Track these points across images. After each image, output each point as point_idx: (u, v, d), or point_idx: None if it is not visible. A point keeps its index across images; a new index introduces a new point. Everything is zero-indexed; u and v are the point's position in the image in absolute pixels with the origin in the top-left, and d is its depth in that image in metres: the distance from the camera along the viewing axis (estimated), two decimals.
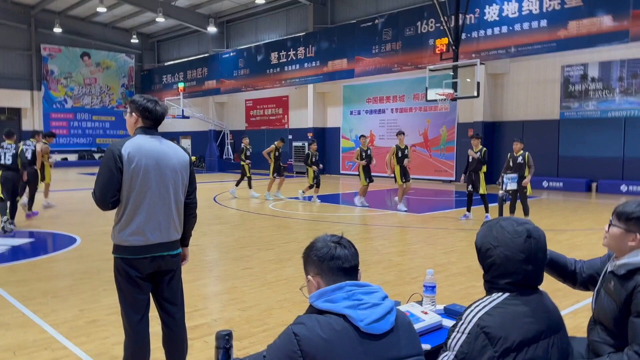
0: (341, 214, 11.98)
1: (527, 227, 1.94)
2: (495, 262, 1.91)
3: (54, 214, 11.82)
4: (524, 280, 1.90)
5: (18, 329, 4.45)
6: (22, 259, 7.19)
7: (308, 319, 1.64)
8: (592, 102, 16.57)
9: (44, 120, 32.56)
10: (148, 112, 3.11)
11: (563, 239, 8.61)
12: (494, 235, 1.94)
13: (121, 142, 3.03)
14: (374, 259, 7.07)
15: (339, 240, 1.82)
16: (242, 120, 29.95)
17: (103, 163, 3.01)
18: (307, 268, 1.82)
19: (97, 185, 3.01)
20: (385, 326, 1.66)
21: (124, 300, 3.18)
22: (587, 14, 14.47)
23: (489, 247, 1.94)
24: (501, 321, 1.80)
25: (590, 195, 15.60)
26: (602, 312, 2.30)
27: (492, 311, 1.84)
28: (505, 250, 1.89)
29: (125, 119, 3.31)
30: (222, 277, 6.36)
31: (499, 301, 1.87)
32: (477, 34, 17.07)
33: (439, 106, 19.55)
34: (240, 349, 3.97)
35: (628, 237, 2.26)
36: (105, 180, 2.98)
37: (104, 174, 2.99)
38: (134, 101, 3.16)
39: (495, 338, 1.78)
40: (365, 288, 1.72)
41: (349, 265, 1.77)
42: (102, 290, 5.64)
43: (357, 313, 1.64)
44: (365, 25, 20.89)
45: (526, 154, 9.96)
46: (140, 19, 31.81)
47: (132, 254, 3.10)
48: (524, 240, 1.89)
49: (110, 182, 2.98)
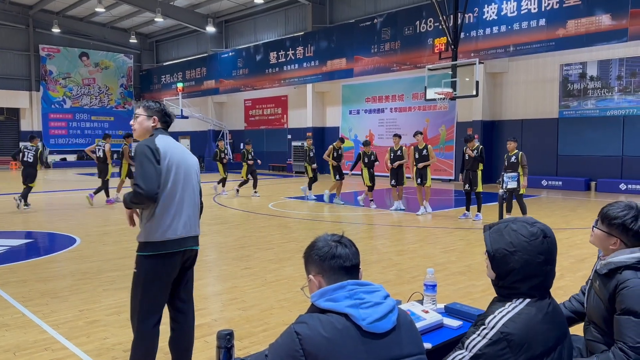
0: (341, 214, 11.98)
1: (540, 227, 1.92)
2: (515, 268, 1.87)
3: (55, 214, 11.81)
4: (544, 282, 1.90)
5: (18, 330, 4.45)
6: (22, 260, 7.18)
7: (310, 318, 1.64)
8: (591, 101, 16.58)
9: (42, 120, 32.53)
10: (168, 117, 3.40)
11: (562, 238, 8.62)
12: (507, 240, 1.90)
13: (150, 139, 3.17)
14: (374, 258, 7.07)
15: (339, 239, 1.82)
16: (241, 120, 29.94)
17: (141, 158, 3.08)
18: (308, 267, 1.82)
19: (140, 179, 3.04)
20: (387, 325, 1.66)
21: (147, 301, 3.13)
22: (586, 12, 14.48)
23: (505, 253, 1.89)
24: (525, 329, 1.80)
25: (590, 194, 15.62)
26: (593, 311, 2.34)
27: (516, 318, 1.83)
28: (524, 255, 1.86)
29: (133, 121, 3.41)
30: (222, 277, 6.35)
31: (521, 307, 1.86)
32: (476, 33, 17.07)
33: (438, 105, 19.56)
34: (240, 348, 3.97)
35: (610, 240, 2.31)
36: (150, 171, 3.06)
37: (146, 166, 3.06)
38: (150, 107, 3.33)
39: (517, 346, 1.78)
40: (367, 287, 1.72)
41: (350, 264, 1.77)
42: (102, 291, 5.63)
43: (359, 312, 1.63)
44: (364, 25, 20.89)
45: (520, 154, 10.00)
46: (138, 19, 31.78)
47: (166, 249, 3.13)
48: (541, 241, 1.87)
49: (154, 173, 3.07)
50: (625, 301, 2.11)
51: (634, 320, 2.07)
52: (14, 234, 9.16)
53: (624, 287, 2.14)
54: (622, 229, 2.26)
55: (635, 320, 2.07)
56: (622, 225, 2.25)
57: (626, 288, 2.13)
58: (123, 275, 6.29)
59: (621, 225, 2.26)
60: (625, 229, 2.25)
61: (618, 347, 2.08)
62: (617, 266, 2.21)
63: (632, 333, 2.06)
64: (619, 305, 2.14)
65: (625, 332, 2.07)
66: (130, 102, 36.12)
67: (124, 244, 8.25)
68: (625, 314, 2.10)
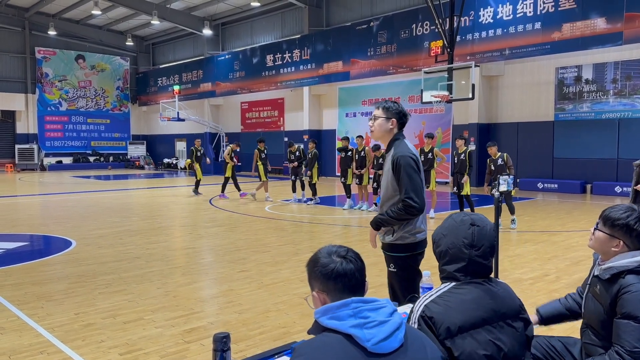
0: (337, 216, 11.98)
1: (472, 217, 2.08)
2: (443, 250, 2.06)
3: (50, 216, 11.76)
4: (469, 266, 2.00)
5: (13, 333, 4.43)
6: (17, 263, 7.16)
7: (309, 348, 1.57)
8: (587, 104, 16.64)
9: (38, 123, 32.44)
10: (405, 117, 3.43)
11: (559, 240, 8.64)
12: (445, 226, 2.11)
13: (406, 148, 3.30)
14: (371, 260, 7.06)
15: (345, 254, 1.73)
16: (237, 122, 29.92)
17: (409, 170, 3.21)
18: (311, 283, 1.75)
19: (414, 193, 3.17)
20: (393, 344, 1.58)
21: (406, 289, 3.39)
22: (581, 16, 14.55)
23: (440, 237, 2.09)
24: (445, 308, 1.90)
25: (585, 197, 15.67)
26: (591, 315, 2.34)
27: (437, 299, 1.94)
28: (452, 237, 2.04)
29: (372, 123, 3.44)
30: (218, 279, 6.34)
31: (444, 290, 1.98)
32: (472, 37, 17.13)
33: (434, 108, 19.61)
34: (237, 351, 3.96)
35: (612, 242, 2.28)
36: (418, 183, 3.22)
37: (414, 178, 3.20)
38: (389, 108, 3.36)
39: (437, 322, 1.87)
40: (372, 304, 1.64)
41: (355, 282, 1.70)
42: (97, 294, 5.61)
43: (364, 332, 1.56)
44: (361, 28, 20.93)
45: (505, 155, 10.10)
46: (135, 22, 31.75)
47: (417, 250, 3.38)
48: (468, 227, 2.03)
49: (420, 184, 3.23)
50: (627, 305, 2.11)
51: (634, 325, 2.07)
52: (9, 237, 9.12)
53: (626, 291, 2.14)
54: (625, 230, 2.23)
55: (635, 325, 2.07)
56: (626, 226, 2.23)
57: (628, 292, 2.13)
58: (119, 278, 6.28)
59: (625, 226, 2.23)
60: (629, 230, 2.23)
61: (614, 351, 2.08)
62: (620, 271, 2.20)
63: (630, 337, 2.06)
64: (619, 309, 2.14)
65: (624, 336, 2.08)
66: (126, 105, 36.08)
67: (120, 247, 8.24)
68: (625, 318, 2.10)
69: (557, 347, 2.52)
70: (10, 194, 17.37)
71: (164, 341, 4.25)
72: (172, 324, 4.65)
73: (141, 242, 8.67)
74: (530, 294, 5.48)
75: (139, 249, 8.09)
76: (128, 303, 5.27)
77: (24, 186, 20.79)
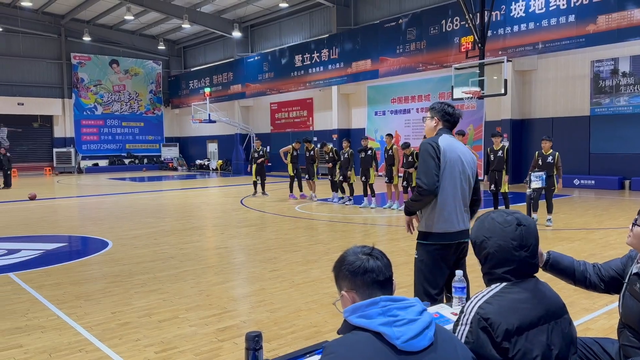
0: (367, 215, 11.94)
1: (516, 216, 2.03)
2: (490, 253, 2.01)
3: (87, 218, 12.07)
4: (519, 268, 1.97)
5: (53, 332, 4.57)
6: (56, 263, 7.37)
7: (339, 346, 1.57)
8: (624, 98, 16.15)
9: (75, 127, 33.34)
10: (448, 116, 3.57)
11: (596, 238, 8.41)
12: (486, 227, 2.05)
13: (434, 138, 3.46)
14: (401, 259, 7.02)
15: (370, 252, 1.76)
16: (267, 123, 30.14)
17: (423, 155, 3.39)
18: (339, 283, 1.76)
19: (422, 174, 3.35)
20: (423, 342, 1.58)
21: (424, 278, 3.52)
22: (617, 7, 14.12)
23: (483, 240, 2.03)
24: (499, 308, 1.87)
25: (624, 193, 15.20)
26: (629, 315, 2.24)
27: (491, 299, 1.91)
28: (498, 240, 1.98)
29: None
30: (250, 279, 6.40)
31: (496, 290, 1.95)
32: (504, 31, 16.82)
33: (465, 105, 19.29)
34: (269, 350, 3.99)
35: None
36: (430, 166, 3.33)
37: (427, 162, 3.34)
38: (433, 108, 3.60)
39: (495, 324, 1.84)
40: (401, 302, 1.64)
41: (383, 278, 1.71)
42: (133, 293, 5.74)
43: (393, 330, 1.56)
44: (389, 26, 20.79)
45: (556, 154, 9.77)
46: (166, 26, 32.32)
47: (440, 241, 3.43)
48: (515, 228, 1.98)
49: (434, 167, 3.34)
50: None
51: None
52: (48, 238, 9.40)
53: None
54: None
55: None
56: None
57: None
58: (154, 278, 6.40)
59: None
60: None
61: None
62: None
63: None
64: None
65: None
66: (159, 108, 36.74)
67: (154, 247, 8.40)
68: None
69: (594, 349, 2.42)
70: (49, 196, 17.90)
71: (198, 339, 4.31)
72: (205, 323, 4.71)
73: (175, 242, 8.82)
74: (567, 294, 5.34)
75: (173, 248, 8.23)
76: (163, 302, 5.37)
77: (62, 189, 21.40)
